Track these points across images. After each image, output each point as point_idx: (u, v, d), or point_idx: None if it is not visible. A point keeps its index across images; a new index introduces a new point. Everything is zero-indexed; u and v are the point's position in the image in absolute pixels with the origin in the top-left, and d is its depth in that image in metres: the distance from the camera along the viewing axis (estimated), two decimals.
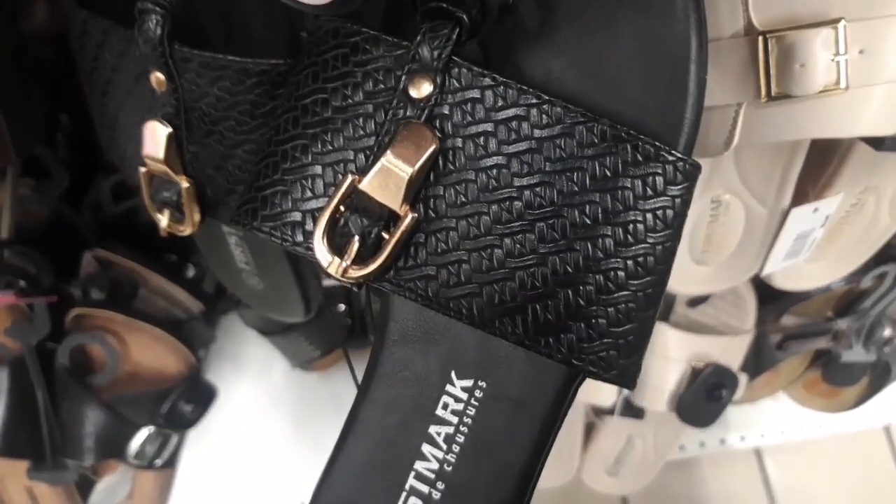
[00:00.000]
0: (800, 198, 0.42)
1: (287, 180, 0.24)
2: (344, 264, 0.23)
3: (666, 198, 0.22)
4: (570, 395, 0.24)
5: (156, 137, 0.29)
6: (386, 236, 0.23)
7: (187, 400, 0.61)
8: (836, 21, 0.30)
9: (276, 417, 0.76)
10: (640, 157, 0.22)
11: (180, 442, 0.65)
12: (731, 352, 0.63)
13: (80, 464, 0.60)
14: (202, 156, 0.30)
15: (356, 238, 0.23)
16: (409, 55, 0.23)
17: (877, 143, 0.34)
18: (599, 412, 0.69)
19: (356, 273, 0.22)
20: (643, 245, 0.22)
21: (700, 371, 0.61)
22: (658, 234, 0.22)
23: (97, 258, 0.62)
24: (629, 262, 0.22)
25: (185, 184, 0.31)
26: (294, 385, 0.77)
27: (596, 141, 0.22)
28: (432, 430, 0.24)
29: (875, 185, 0.43)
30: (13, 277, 0.55)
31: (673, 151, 0.22)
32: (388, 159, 0.22)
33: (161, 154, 0.30)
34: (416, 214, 0.23)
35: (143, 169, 0.31)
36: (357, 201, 0.23)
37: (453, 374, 0.24)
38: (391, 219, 0.23)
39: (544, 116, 0.22)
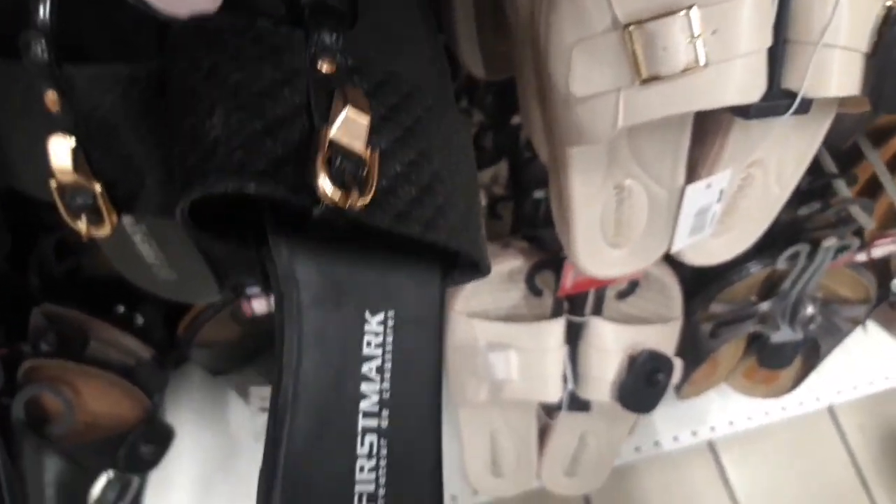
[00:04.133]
0: (693, 176, 0.46)
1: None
2: (351, 198, 0.25)
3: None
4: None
5: (61, 150, 0.32)
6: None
7: (146, 441, 0.62)
8: (689, 7, 0.35)
9: (236, 458, 0.77)
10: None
11: (142, 486, 0.65)
12: (663, 338, 0.66)
13: None
14: (108, 159, 0.33)
15: (350, 175, 0.25)
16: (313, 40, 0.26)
17: (744, 112, 0.38)
18: (550, 411, 0.72)
19: (362, 202, 0.25)
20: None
21: (636, 358, 0.64)
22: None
23: (45, 313, 0.63)
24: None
25: (97, 187, 0.33)
26: (250, 425, 0.79)
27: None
28: (365, 368, 0.27)
29: (759, 159, 0.47)
30: None
31: None
32: (348, 112, 0.25)
33: (69, 165, 0.32)
34: (376, 153, 0.26)
35: (53, 183, 0.33)
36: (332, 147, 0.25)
37: (367, 314, 0.27)
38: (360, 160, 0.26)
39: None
